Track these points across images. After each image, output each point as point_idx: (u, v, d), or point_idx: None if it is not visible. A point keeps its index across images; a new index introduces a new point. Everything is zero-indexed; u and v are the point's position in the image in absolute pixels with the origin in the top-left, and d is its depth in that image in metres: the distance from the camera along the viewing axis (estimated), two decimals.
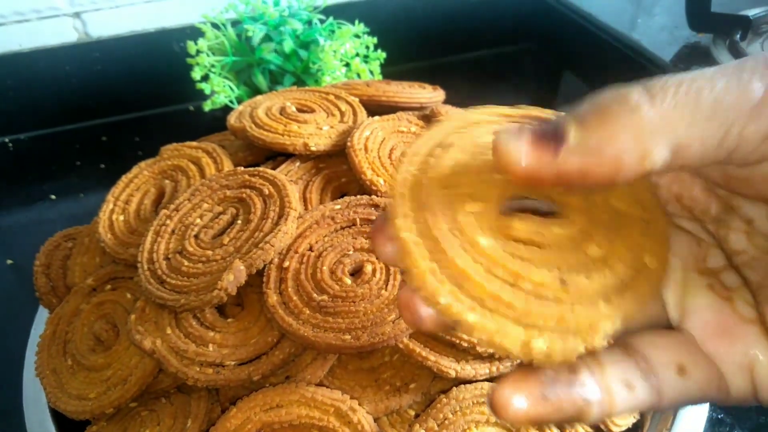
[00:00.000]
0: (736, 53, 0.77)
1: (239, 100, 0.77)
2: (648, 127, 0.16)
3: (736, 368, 0.20)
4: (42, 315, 0.48)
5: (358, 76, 0.78)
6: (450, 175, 0.20)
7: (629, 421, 0.40)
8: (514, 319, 0.18)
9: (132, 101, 0.95)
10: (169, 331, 0.37)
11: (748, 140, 0.16)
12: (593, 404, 0.19)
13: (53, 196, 0.83)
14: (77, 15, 0.88)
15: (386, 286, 0.37)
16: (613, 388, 0.19)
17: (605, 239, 0.20)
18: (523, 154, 0.17)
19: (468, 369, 0.37)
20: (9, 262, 0.74)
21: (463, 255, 0.18)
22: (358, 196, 0.42)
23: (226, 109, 0.76)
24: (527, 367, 0.19)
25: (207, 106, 0.77)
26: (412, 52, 0.98)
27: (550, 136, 0.17)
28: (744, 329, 0.20)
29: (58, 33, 0.89)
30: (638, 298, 0.19)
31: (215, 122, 0.82)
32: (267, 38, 0.76)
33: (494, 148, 0.18)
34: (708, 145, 0.16)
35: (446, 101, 0.55)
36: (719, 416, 0.54)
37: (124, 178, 0.49)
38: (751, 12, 0.79)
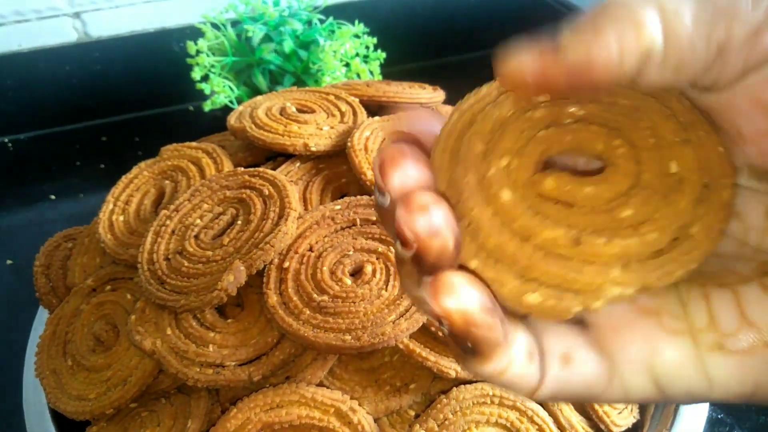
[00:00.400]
0: None
1: (239, 101, 0.77)
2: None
3: (634, 366, 0.19)
4: (42, 315, 0.48)
5: (358, 76, 0.78)
6: (492, 130, 0.20)
7: (629, 420, 0.40)
8: (516, 271, 0.18)
9: (132, 101, 0.95)
10: (169, 331, 0.37)
11: (733, 37, 0.15)
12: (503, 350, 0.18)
13: (53, 197, 0.83)
14: (77, 15, 0.88)
15: (386, 286, 0.37)
16: (515, 353, 0.19)
17: (646, 204, 0.18)
18: (526, 63, 0.16)
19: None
20: (9, 262, 0.74)
21: (481, 207, 0.18)
22: (358, 197, 0.42)
23: (226, 109, 0.76)
24: None
25: (207, 107, 0.77)
26: (412, 52, 0.98)
27: (549, 42, 0.16)
28: (644, 323, 0.19)
29: (58, 33, 0.89)
30: (667, 270, 0.18)
31: (215, 122, 0.82)
32: (267, 38, 0.77)
33: (499, 70, 0.17)
34: (699, 22, 0.15)
35: (446, 101, 0.55)
36: (719, 416, 0.54)
37: (124, 179, 0.49)
38: None
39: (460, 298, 0.17)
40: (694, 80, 0.17)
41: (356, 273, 0.39)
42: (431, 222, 0.17)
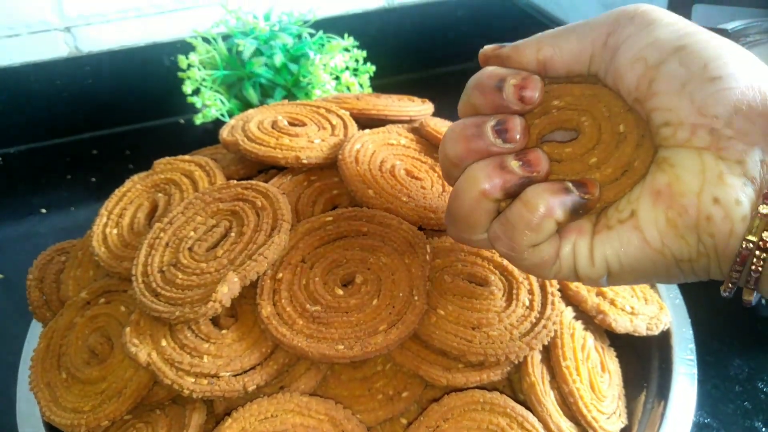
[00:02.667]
0: None
1: (230, 114, 0.78)
2: None
3: (567, 248, 0.30)
4: (35, 329, 0.48)
5: (348, 89, 0.79)
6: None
7: (617, 426, 0.41)
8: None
9: (122, 115, 0.96)
10: (164, 343, 0.38)
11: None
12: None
13: (43, 210, 0.83)
14: (68, 30, 0.89)
15: (377, 296, 0.38)
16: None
17: (605, 153, 0.30)
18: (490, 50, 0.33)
19: (459, 377, 0.37)
20: (0, 276, 0.74)
21: None
22: (349, 208, 0.43)
23: (217, 122, 0.77)
24: None
25: (198, 120, 0.77)
26: (401, 64, 1.00)
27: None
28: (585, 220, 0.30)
29: (49, 47, 0.89)
30: (618, 189, 0.30)
31: (206, 135, 0.83)
32: (257, 52, 0.78)
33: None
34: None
35: (435, 114, 0.56)
36: (706, 420, 0.55)
37: (118, 192, 0.49)
38: (730, 25, 0.81)
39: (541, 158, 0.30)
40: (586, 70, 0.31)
41: (348, 283, 0.39)
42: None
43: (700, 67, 0.26)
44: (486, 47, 0.32)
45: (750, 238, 0.26)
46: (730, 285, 0.28)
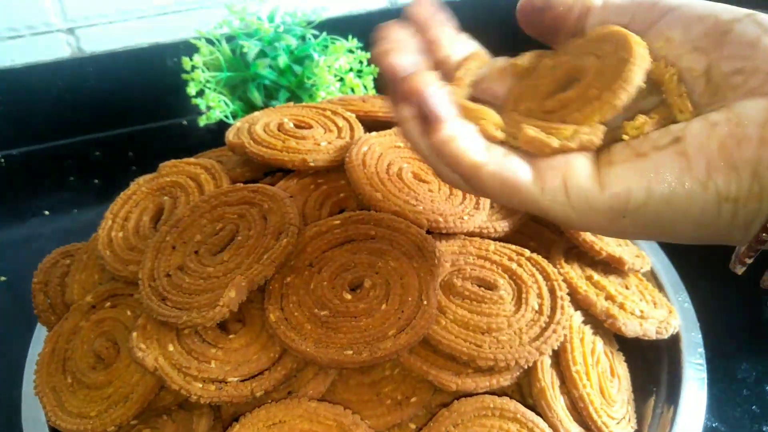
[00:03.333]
0: None
1: (234, 115, 0.78)
2: None
3: (554, 172, 0.27)
4: (40, 333, 0.48)
5: (352, 90, 0.79)
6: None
7: (627, 431, 0.41)
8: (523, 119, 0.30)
9: (126, 116, 0.95)
10: (171, 348, 0.37)
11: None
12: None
13: (47, 212, 0.83)
14: (71, 31, 0.88)
15: (386, 300, 0.38)
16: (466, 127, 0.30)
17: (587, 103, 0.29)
18: None
19: (468, 382, 0.37)
20: (2, 279, 0.73)
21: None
22: (357, 212, 0.43)
23: (221, 124, 0.77)
24: None
25: (202, 121, 0.77)
26: None
27: None
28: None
29: (52, 49, 0.89)
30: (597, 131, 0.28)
31: (209, 136, 0.83)
32: (262, 54, 0.77)
33: None
34: None
35: None
36: (714, 424, 0.55)
37: (123, 195, 0.49)
38: None
39: (427, 81, 0.29)
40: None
41: (356, 287, 0.39)
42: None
43: None
44: None
45: None
46: (750, 252, 0.26)
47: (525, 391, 0.40)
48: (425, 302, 0.37)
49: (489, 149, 0.28)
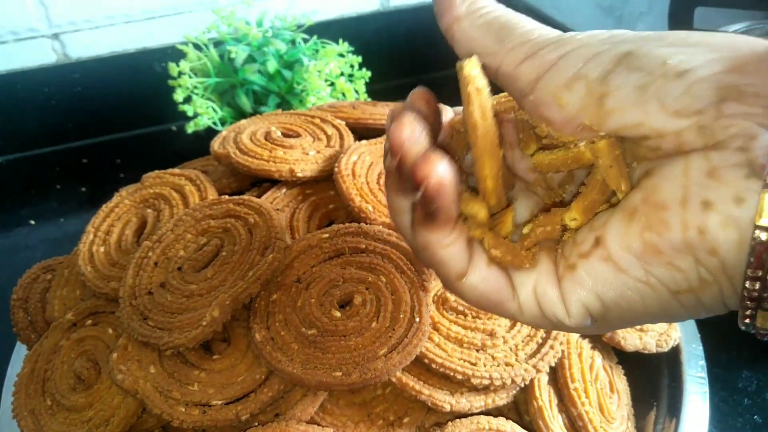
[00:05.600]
0: None
1: (222, 122, 0.76)
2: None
3: (527, 288, 0.24)
4: (20, 352, 0.46)
5: (344, 95, 0.78)
6: None
7: None
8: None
9: (113, 122, 0.94)
10: (152, 369, 0.36)
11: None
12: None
13: (32, 221, 0.81)
14: (56, 36, 0.87)
15: (377, 318, 0.36)
16: (458, 235, 0.24)
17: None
18: None
19: (463, 402, 0.36)
20: None
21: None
22: (347, 224, 0.41)
23: (210, 130, 0.75)
24: None
25: (190, 128, 0.75)
26: (397, 69, 0.98)
27: None
28: (543, 255, 0.25)
29: (37, 55, 0.87)
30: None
31: (198, 142, 0.81)
32: (250, 59, 0.76)
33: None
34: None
35: None
36: None
37: (105, 208, 0.47)
38: (731, 28, 0.80)
39: (439, 167, 0.22)
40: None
41: (346, 304, 0.38)
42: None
43: (659, 65, 0.21)
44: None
45: (763, 222, 0.19)
46: (748, 307, 0.20)
47: (522, 408, 0.39)
48: (417, 319, 0.36)
49: (472, 257, 0.25)
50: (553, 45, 0.23)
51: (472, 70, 0.23)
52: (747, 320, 0.21)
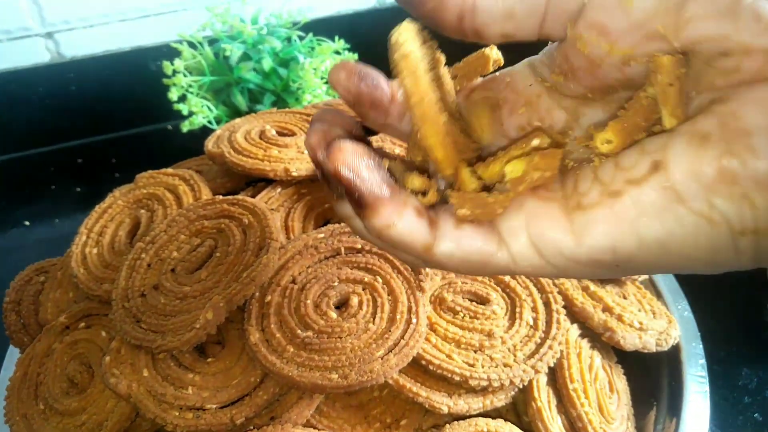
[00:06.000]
0: None
1: (218, 120, 0.76)
2: None
3: (516, 232, 0.22)
4: (12, 355, 0.46)
5: None
6: None
7: None
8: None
9: (108, 122, 0.93)
10: (146, 373, 0.35)
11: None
12: None
13: (27, 222, 0.81)
14: (49, 35, 0.86)
15: (374, 319, 0.36)
16: (403, 209, 0.22)
17: None
18: None
19: (461, 404, 0.35)
20: None
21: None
22: (342, 224, 0.41)
23: (205, 128, 0.74)
24: None
25: (185, 127, 0.75)
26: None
27: None
28: (524, 198, 0.22)
29: (31, 54, 0.86)
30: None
31: (194, 141, 0.80)
32: (245, 57, 0.75)
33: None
34: None
35: None
36: None
37: (98, 209, 0.47)
38: None
39: (343, 152, 0.21)
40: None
41: (342, 305, 0.37)
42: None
43: None
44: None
45: None
46: None
47: (520, 409, 0.39)
48: (415, 320, 0.35)
49: (437, 224, 0.22)
50: None
51: (399, 37, 0.21)
52: None
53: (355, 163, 0.21)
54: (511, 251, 0.22)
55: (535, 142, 0.22)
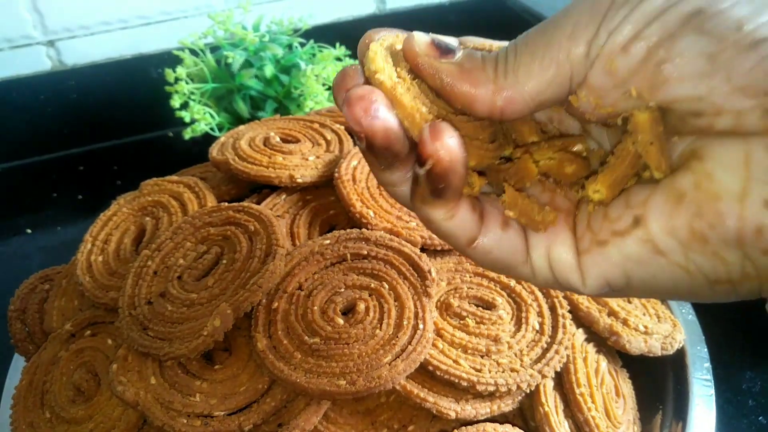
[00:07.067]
0: None
1: (220, 128, 0.76)
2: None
3: (540, 251, 0.23)
4: (18, 363, 0.46)
5: None
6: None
7: None
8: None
9: (109, 129, 0.93)
10: (153, 380, 0.35)
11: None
12: None
13: (29, 230, 0.81)
14: (51, 43, 0.86)
15: (380, 325, 0.36)
16: (462, 203, 0.23)
17: None
18: (423, 45, 0.22)
19: (468, 409, 0.35)
20: None
21: None
22: (348, 230, 0.41)
23: (207, 135, 0.75)
24: None
25: (187, 134, 0.75)
26: None
27: (444, 47, 0.22)
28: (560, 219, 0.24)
29: (32, 62, 0.87)
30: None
31: (196, 148, 0.80)
32: (247, 64, 0.75)
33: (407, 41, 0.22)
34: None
35: None
36: None
37: (103, 216, 0.47)
38: None
39: (450, 143, 0.21)
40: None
41: (348, 311, 0.37)
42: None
43: (732, 30, 0.18)
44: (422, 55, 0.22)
45: None
46: None
47: (527, 414, 0.39)
48: (421, 326, 0.35)
49: (484, 219, 0.24)
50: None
51: (369, 65, 0.22)
52: None
53: (457, 155, 0.21)
54: (532, 264, 0.24)
55: (578, 147, 0.23)
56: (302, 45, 0.79)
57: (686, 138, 0.20)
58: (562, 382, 0.38)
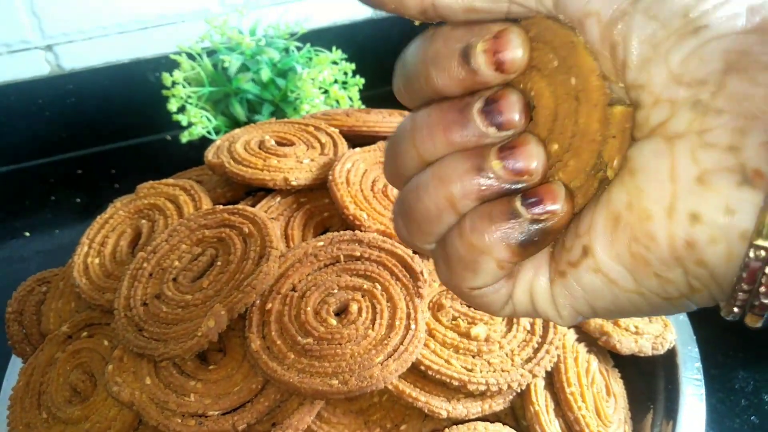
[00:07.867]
0: None
1: (217, 131, 0.76)
2: None
3: (523, 286, 0.22)
4: (15, 365, 0.46)
5: (338, 103, 0.78)
6: None
7: None
8: None
9: (107, 133, 0.93)
10: (148, 381, 0.36)
11: None
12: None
13: (27, 233, 0.81)
14: (49, 48, 0.87)
15: (373, 325, 0.36)
16: None
17: (562, 132, 0.21)
18: None
19: (460, 408, 0.36)
20: None
21: None
22: (341, 232, 0.41)
23: (204, 139, 0.75)
24: None
25: (184, 138, 0.75)
26: (390, 76, 0.98)
27: None
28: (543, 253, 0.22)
29: (30, 66, 0.87)
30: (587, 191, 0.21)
31: (193, 151, 0.81)
32: (244, 68, 0.76)
33: None
34: None
35: None
36: None
37: (99, 219, 0.47)
38: None
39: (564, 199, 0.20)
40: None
41: (341, 312, 0.38)
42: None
43: (679, 15, 0.17)
44: None
45: (761, 242, 0.17)
46: (735, 309, 0.19)
47: (518, 413, 0.39)
48: (413, 326, 0.36)
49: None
50: None
51: None
52: (732, 317, 0.20)
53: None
54: (514, 301, 0.23)
55: None
56: (299, 49, 0.80)
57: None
58: (553, 381, 0.39)
